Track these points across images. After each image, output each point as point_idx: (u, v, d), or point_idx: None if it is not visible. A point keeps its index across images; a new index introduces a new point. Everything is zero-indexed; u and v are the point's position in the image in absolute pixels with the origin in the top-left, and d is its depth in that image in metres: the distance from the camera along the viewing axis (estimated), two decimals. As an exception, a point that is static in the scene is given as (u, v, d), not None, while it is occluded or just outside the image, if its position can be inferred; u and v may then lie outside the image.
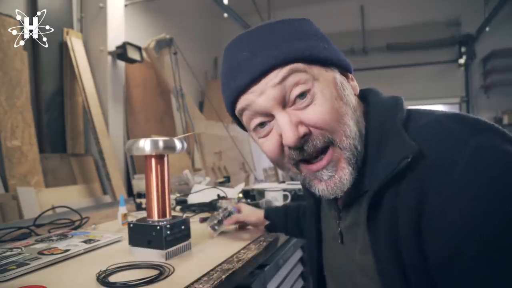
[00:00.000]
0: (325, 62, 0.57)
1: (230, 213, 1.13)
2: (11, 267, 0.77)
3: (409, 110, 0.58)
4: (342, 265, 0.66)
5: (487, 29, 4.93)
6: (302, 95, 0.54)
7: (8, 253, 0.88)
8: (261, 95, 0.55)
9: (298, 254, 1.38)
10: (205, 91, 5.26)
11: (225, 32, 6.28)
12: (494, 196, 0.43)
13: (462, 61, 5.31)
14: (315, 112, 0.54)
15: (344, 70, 0.61)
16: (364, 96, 0.64)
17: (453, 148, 0.47)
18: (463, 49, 5.30)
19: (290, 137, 0.54)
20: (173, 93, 3.83)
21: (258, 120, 0.57)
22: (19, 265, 0.79)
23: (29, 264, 0.80)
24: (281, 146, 0.57)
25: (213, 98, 5.19)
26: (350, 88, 0.60)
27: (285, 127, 0.54)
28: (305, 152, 0.55)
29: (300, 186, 1.72)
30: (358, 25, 5.68)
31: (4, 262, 0.81)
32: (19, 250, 0.91)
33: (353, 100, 0.58)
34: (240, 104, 0.58)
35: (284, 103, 0.55)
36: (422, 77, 5.44)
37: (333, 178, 0.56)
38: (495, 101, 5.21)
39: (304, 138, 0.55)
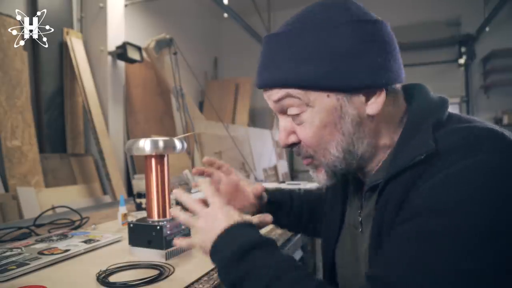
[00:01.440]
0: (330, 88, 0.57)
1: None
2: (11, 267, 0.77)
3: (451, 115, 0.59)
4: (356, 250, 0.69)
5: (487, 29, 4.92)
6: (293, 113, 0.61)
7: (8, 253, 0.88)
8: (268, 100, 0.64)
9: (298, 254, 1.38)
10: (205, 91, 5.26)
11: (225, 32, 6.28)
12: (453, 208, 0.46)
13: (462, 61, 5.31)
14: (302, 133, 0.61)
15: (371, 88, 0.57)
16: (409, 93, 0.64)
17: (460, 155, 0.48)
18: (463, 49, 5.30)
19: (280, 141, 0.64)
20: (173, 93, 3.82)
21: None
22: (19, 265, 0.79)
23: (29, 264, 0.80)
24: None
25: (213, 98, 5.19)
26: (359, 110, 0.58)
27: (280, 131, 0.64)
28: (295, 152, 0.65)
29: (299, 186, 1.72)
30: (358, 25, 5.67)
31: (4, 262, 0.81)
32: (19, 250, 0.91)
33: (350, 126, 0.58)
34: None
35: (282, 111, 0.63)
36: (422, 77, 5.43)
37: (314, 173, 0.66)
38: (495, 101, 5.21)
39: (294, 144, 0.63)
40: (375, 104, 0.58)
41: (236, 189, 0.87)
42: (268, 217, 0.72)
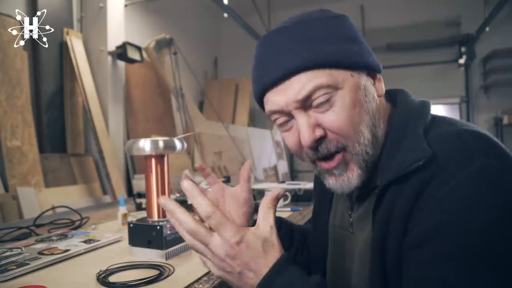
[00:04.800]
0: (351, 66, 0.58)
1: None
2: (11, 267, 0.77)
3: (434, 117, 0.61)
4: (347, 251, 0.69)
5: (487, 29, 4.92)
6: (322, 101, 0.57)
7: (8, 253, 0.88)
8: (284, 97, 0.58)
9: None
10: (205, 91, 5.27)
11: (225, 32, 6.28)
12: (469, 216, 0.47)
13: (462, 61, 5.31)
14: (332, 119, 0.57)
15: (372, 71, 0.62)
16: (393, 96, 0.67)
17: (461, 162, 0.50)
18: (463, 49, 5.30)
19: (306, 138, 0.57)
20: (173, 93, 3.83)
21: (281, 117, 0.61)
22: (19, 265, 0.79)
23: (29, 264, 0.80)
24: (300, 142, 0.60)
25: (213, 98, 5.19)
26: (374, 90, 0.62)
27: (303, 128, 0.58)
28: (319, 152, 0.59)
29: (299, 186, 1.72)
30: (358, 25, 5.67)
31: (4, 262, 0.81)
32: (19, 250, 0.91)
33: (373, 104, 0.60)
34: (265, 100, 0.62)
35: (304, 106, 0.58)
36: (422, 77, 5.44)
37: (342, 176, 0.60)
38: (495, 101, 5.21)
39: (320, 140, 0.58)
40: (379, 86, 0.63)
41: (222, 195, 0.77)
42: (280, 193, 0.64)
